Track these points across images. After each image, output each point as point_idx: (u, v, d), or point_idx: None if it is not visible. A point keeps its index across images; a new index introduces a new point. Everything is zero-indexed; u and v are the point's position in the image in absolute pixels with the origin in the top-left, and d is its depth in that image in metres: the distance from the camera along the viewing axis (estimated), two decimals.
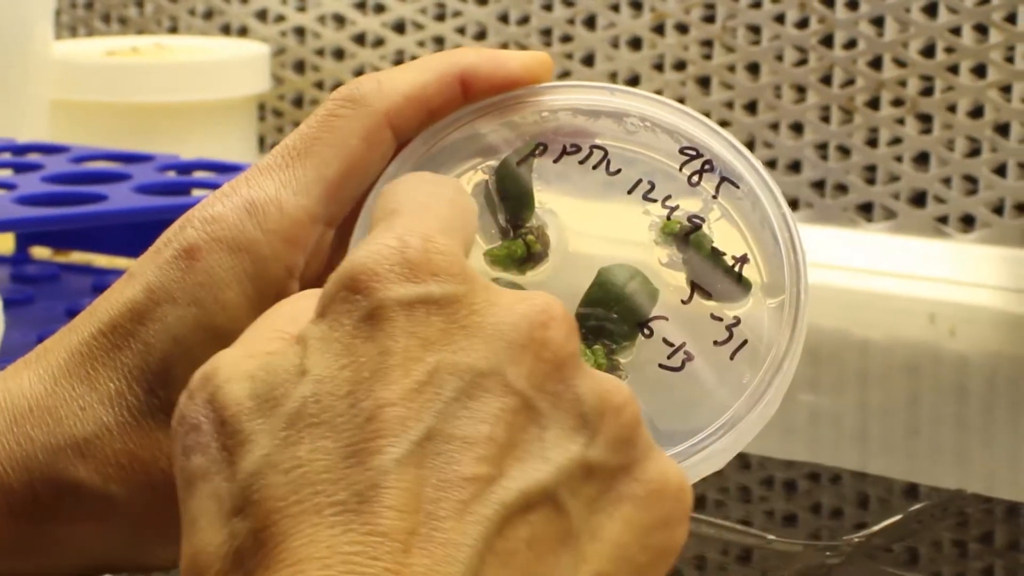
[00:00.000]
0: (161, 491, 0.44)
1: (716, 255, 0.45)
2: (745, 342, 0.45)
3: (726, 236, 0.46)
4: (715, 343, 0.45)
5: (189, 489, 0.38)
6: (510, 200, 0.47)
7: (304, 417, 0.37)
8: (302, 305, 0.39)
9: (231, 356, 0.39)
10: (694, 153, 0.46)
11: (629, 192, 0.46)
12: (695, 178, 0.46)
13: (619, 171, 0.47)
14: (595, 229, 0.47)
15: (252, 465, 0.36)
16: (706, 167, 0.46)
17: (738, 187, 0.46)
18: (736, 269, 0.45)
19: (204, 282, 0.44)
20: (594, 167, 0.47)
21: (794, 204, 1.10)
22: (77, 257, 0.97)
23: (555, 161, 0.47)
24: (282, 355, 0.38)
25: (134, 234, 0.58)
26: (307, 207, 0.45)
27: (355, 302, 0.38)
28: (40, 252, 0.97)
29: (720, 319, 0.45)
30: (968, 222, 1.06)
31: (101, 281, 0.92)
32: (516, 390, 0.37)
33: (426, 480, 0.36)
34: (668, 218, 0.46)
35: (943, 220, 1.07)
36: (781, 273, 0.45)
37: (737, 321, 0.45)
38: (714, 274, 0.45)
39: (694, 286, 0.45)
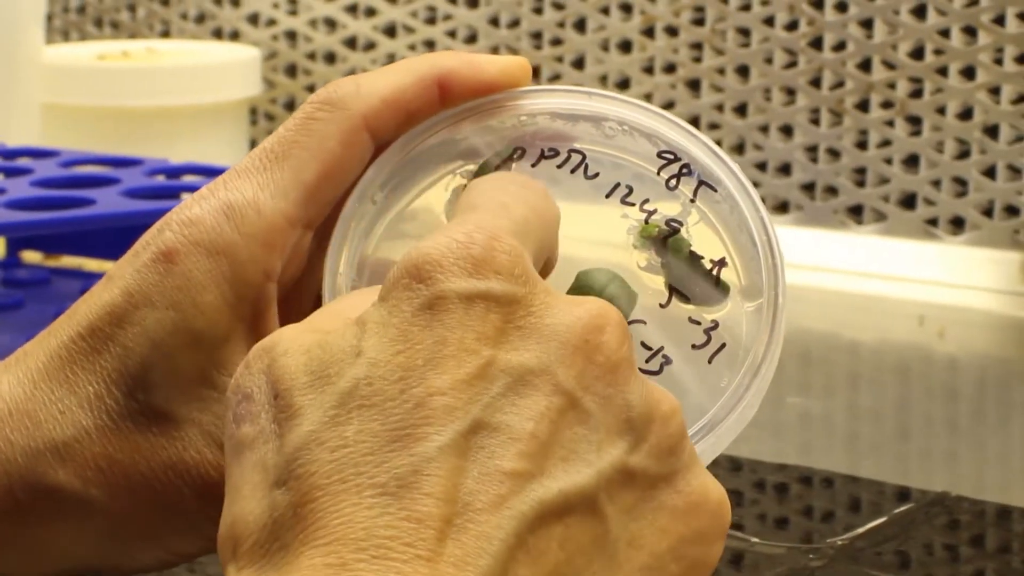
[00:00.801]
0: (140, 494, 0.44)
1: (694, 259, 0.45)
2: (724, 345, 0.45)
3: (704, 240, 0.46)
4: (693, 347, 0.45)
5: (236, 457, 0.38)
6: None
7: (355, 398, 0.37)
8: (368, 296, 0.40)
9: (292, 330, 0.39)
10: (672, 157, 0.46)
11: (607, 196, 0.46)
12: (673, 182, 0.46)
13: (597, 175, 0.47)
14: (573, 233, 0.47)
15: (299, 439, 0.37)
16: (684, 171, 0.46)
17: (716, 191, 0.46)
18: (714, 273, 0.45)
19: (182, 285, 0.44)
20: (572, 171, 0.47)
21: (784, 206, 1.10)
22: (67, 261, 0.97)
23: (533, 165, 0.47)
24: (340, 334, 0.38)
25: (124, 238, 0.58)
26: (285, 210, 0.45)
27: (416, 290, 0.38)
28: (31, 256, 0.97)
29: (698, 323, 0.45)
30: (958, 224, 1.06)
31: (91, 285, 0.91)
32: (565, 390, 0.38)
33: (467, 471, 0.36)
34: (646, 222, 0.46)
35: (933, 222, 1.07)
36: (759, 276, 0.45)
37: (715, 325, 0.45)
38: (692, 278, 0.45)
39: (672, 290, 0.45)
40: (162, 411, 0.44)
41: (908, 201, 1.08)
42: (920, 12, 1.06)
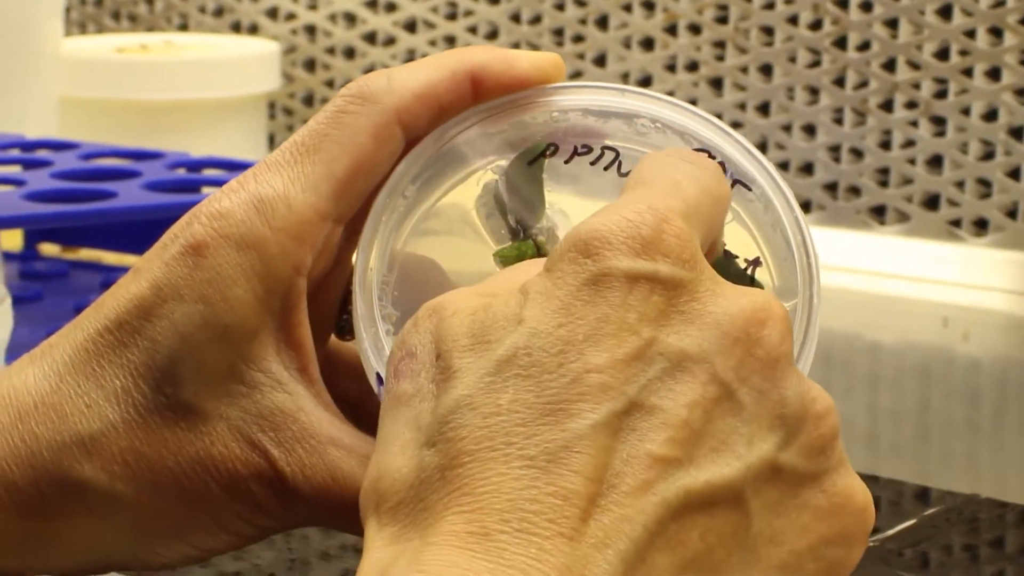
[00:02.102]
0: (167, 490, 0.44)
1: (728, 258, 0.45)
2: None
3: (738, 239, 0.45)
4: None
5: (392, 411, 0.39)
6: (520, 201, 0.47)
7: (512, 366, 0.37)
8: (538, 266, 0.40)
9: (463, 293, 0.40)
10: (706, 155, 0.46)
11: None
12: None
13: (630, 172, 0.46)
14: None
15: (453, 402, 0.37)
16: None
17: (750, 189, 0.46)
18: (748, 272, 0.45)
19: (211, 279, 0.44)
20: (605, 168, 0.46)
21: (806, 206, 1.10)
22: (86, 254, 0.97)
23: (566, 162, 0.47)
24: (504, 300, 0.39)
25: (143, 231, 0.58)
26: (315, 204, 0.45)
27: (582, 264, 0.38)
28: (49, 249, 0.97)
29: None
30: (981, 225, 1.06)
31: (109, 278, 0.91)
32: (721, 380, 0.38)
33: (616, 452, 0.37)
34: None
35: (956, 223, 1.07)
36: (793, 277, 0.45)
37: None
38: (726, 277, 0.45)
39: None
40: (189, 405, 0.44)
41: (931, 202, 1.07)
42: (946, 12, 1.06)
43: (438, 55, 0.47)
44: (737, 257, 0.45)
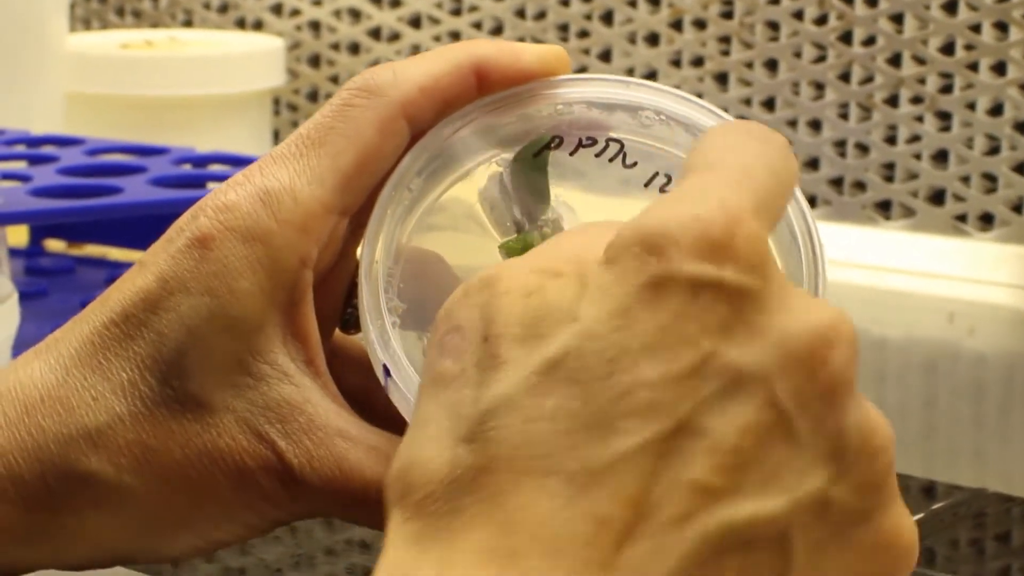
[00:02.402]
0: (174, 482, 0.44)
1: None
2: None
3: None
4: None
5: (431, 390, 0.37)
6: (525, 193, 0.47)
7: (562, 368, 0.35)
8: (599, 233, 0.38)
9: (516, 266, 0.37)
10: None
11: (646, 185, 0.46)
12: None
13: (635, 164, 0.46)
14: (610, 219, 0.47)
15: (496, 398, 0.36)
16: None
17: None
18: None
19: (217, 271, 0.44)
20: (610, 160, 0.46)
21: (812, 201, 1.10)
22: (91, 250, 0.97)
23: (571, 154, 0.47)
24: (561, 287, 0.37)
25: (149, 227, 0.58)
26: (321, 197, 0.45)
27: (646, 262, 0.36)
28: (55, 245, 0.97)
29: None
30: (987, 220, 1.06)
31: (115, 274, 0.91)
32: (778, 404, 0.35)
33: (659, 477, 0.35)
34: None
35: (962, 218, 1.06)
36: (799, 268, 0.45)
37: None
38: None
39: None
40: (196, 398, 0.44)
41: (937, 197, 1.07)
42: (951, 7, 1.05)
43: (443, 48, 0.47)
44: None
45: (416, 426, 0.37)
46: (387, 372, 0.44)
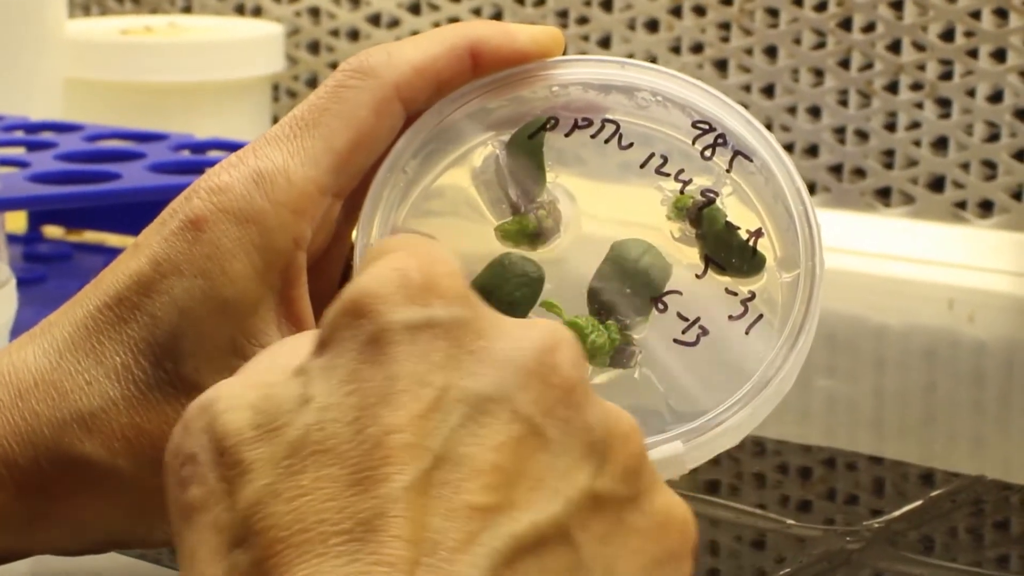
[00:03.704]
0: None
1: (730, 229, 0.45)
2: (760, 316, 0.44)
3: (739, 210, 0.45)
4: (730, 318, 0.44)
5: (187, 522, 0.36)
6: (521, 174, 0.46)
7: (308, 445, 0.35)
8: (303, 341, 0.38)
9: (230, 387, 0.37)
10: (707, 127, 0.46)
11: (642, 166, 0.46)
12: (708, 152, 0.46)
13: (631, 145, 0.46)
14: (607, 203, 0.46)
15: (253, 495, 0.35)
16: (719, 141, 0.46)
17: (751, 161, 0.45)
18: (750, 243, 0.45)
19: (211, 253, 0.44)
20: (606, 141, 0.46)
21: (812, 188, 1.10)
22: (90, 236, 0.97)
23: (566, 135, 0.46)
24: (283, 385, 0.37)
25: (148, 213, 0.58)
26: (315, 178, 0.44)
27: (359, 326, 0.36)
28: (53, 231, 0.97)
29: (735, 293, 0.45)
30: (987, 207, 1.06)
31: (113, 260, 0.91)
32: (524, 416, 0.36)
33: (433, 509, 0.35)
34: (681, 192, 0.46)
35: (961, 205, 1.06)
36: (796, 247, 0.45)
37: (752, 295, 0.45)
38: (728, 248, 0.45)
39: (708, 260, 0.45)
40: (190, 381, 0.44)
41: (937, 184, 1.07)
42: None
43: (438, 30, 0.47)
44: (739, 228, 0.45)
45: (184, 561, 0.36)
46: None
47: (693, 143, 0.46)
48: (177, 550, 0.37)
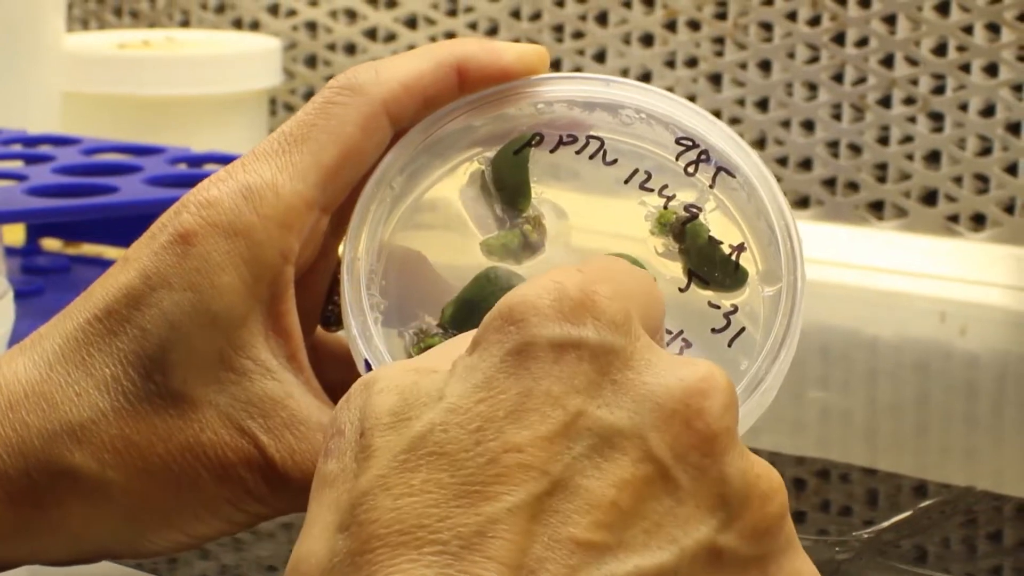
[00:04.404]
0: (157, 477, 0.44)
1: (713, 244, 0.45)
2: (743, 330, 0.45)
3: (722, 225, 0.46)
4: (713, 331, 0.45)
5: (317, 492, 0.37)
6: (506, 190, 0.47)
7: (427, 444, 0.35)
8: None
9: (395, 368, 0.38)
10: (690, 144, 0.46)
11: (626, 182, 0.46)
12: (691, 168, 0.46)
13: (615, 161, 0.47)
14: (592, 219, 0.47)
15: (367, 483, 0.35)
16: (702, 157, 0.46)
17: (734, 177, 0.46)
18: (733, 258, 0.45)
19: (200, 267, 0.44)
20: (591, 157, 0.47)
21: (805, 202, 1.10)
22: (87, 249, 0.97)
23: (552, 151, 0.47)
24: (432, 376, 0.37)
25: (145, 226, 0.58)
26: (303, 193, 0.45)
27: (507, 333, 0.36)
28: (51, 244, 0.97)
29: (717, 307, 0.45)
30: (979, 221, 1.06)
31: None
32: (655, 457, 0.35)
33: (536, 536, 0.34)
34: (664, 207, 0.46)
35: (954, 219, 1.07)
36: (777, 261, 0.45)
37: (735, 309, 0.45)
38: (711, 263, 0.45)
39: (691, 274, 0.45)
40: (179, 393, 0.44)
41: (929, 197, 1.07)
42: (943, 8, 1.06)
43: (425, 47, 0.47)
44: (722, 243, 0.45)
45: (304, 528, 0.37)
46: (368, 368, 0.44)
47: (676, 159, 0.46)
48: (306, 516, 0.37)
